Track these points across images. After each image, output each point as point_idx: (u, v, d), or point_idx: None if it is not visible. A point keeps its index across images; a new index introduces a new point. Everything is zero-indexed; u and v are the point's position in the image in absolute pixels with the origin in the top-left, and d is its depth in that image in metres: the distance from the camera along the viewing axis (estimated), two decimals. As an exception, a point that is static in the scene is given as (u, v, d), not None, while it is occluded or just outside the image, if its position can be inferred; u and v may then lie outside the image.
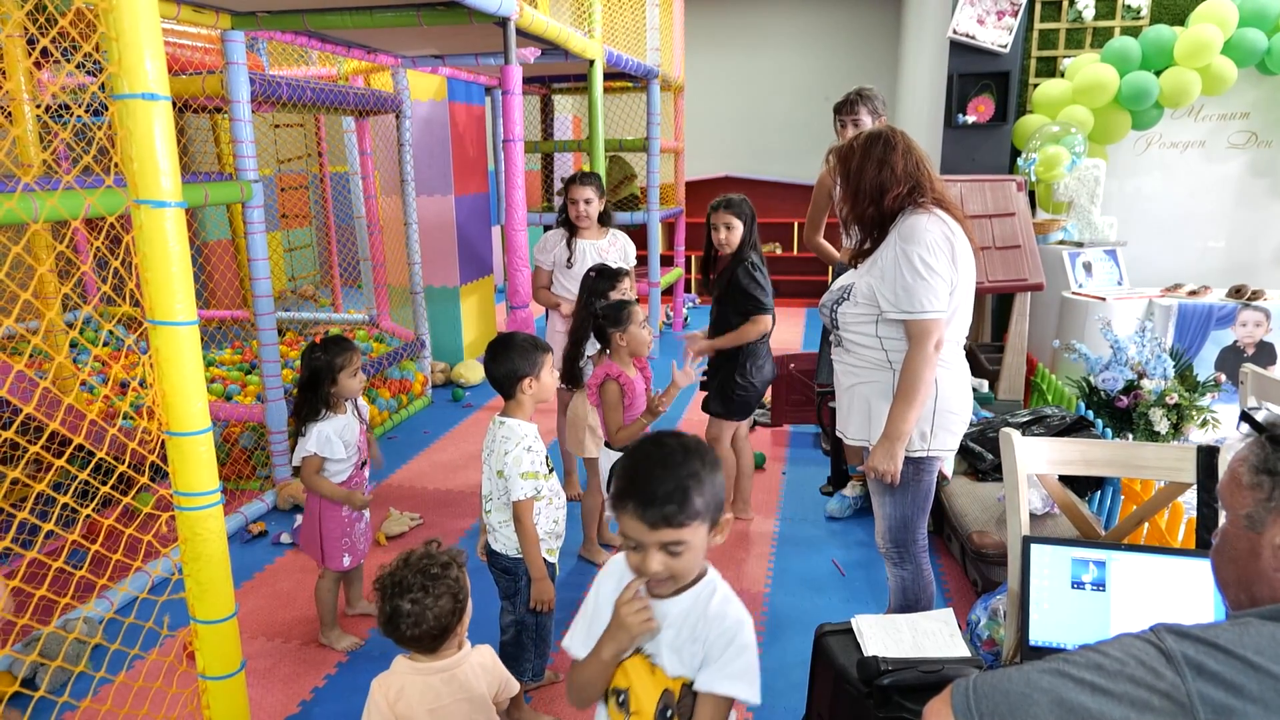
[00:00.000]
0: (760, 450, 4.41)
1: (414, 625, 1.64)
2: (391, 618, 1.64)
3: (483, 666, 1.75)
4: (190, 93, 3.86)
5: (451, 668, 1.69)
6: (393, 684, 1.66)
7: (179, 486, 1.78)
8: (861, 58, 9.34)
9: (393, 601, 1.64)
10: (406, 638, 1.66)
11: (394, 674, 1.68)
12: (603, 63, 5.07)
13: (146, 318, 1.71)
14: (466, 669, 1.71)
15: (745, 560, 3.32)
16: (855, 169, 2.17)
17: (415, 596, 1.63)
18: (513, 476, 2.16)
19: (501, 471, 2.19)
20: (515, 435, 2.20)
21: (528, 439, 2.21)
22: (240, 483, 4.04)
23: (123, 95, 1.61)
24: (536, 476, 2.19)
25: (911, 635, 1.86)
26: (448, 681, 1.68)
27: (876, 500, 2.28)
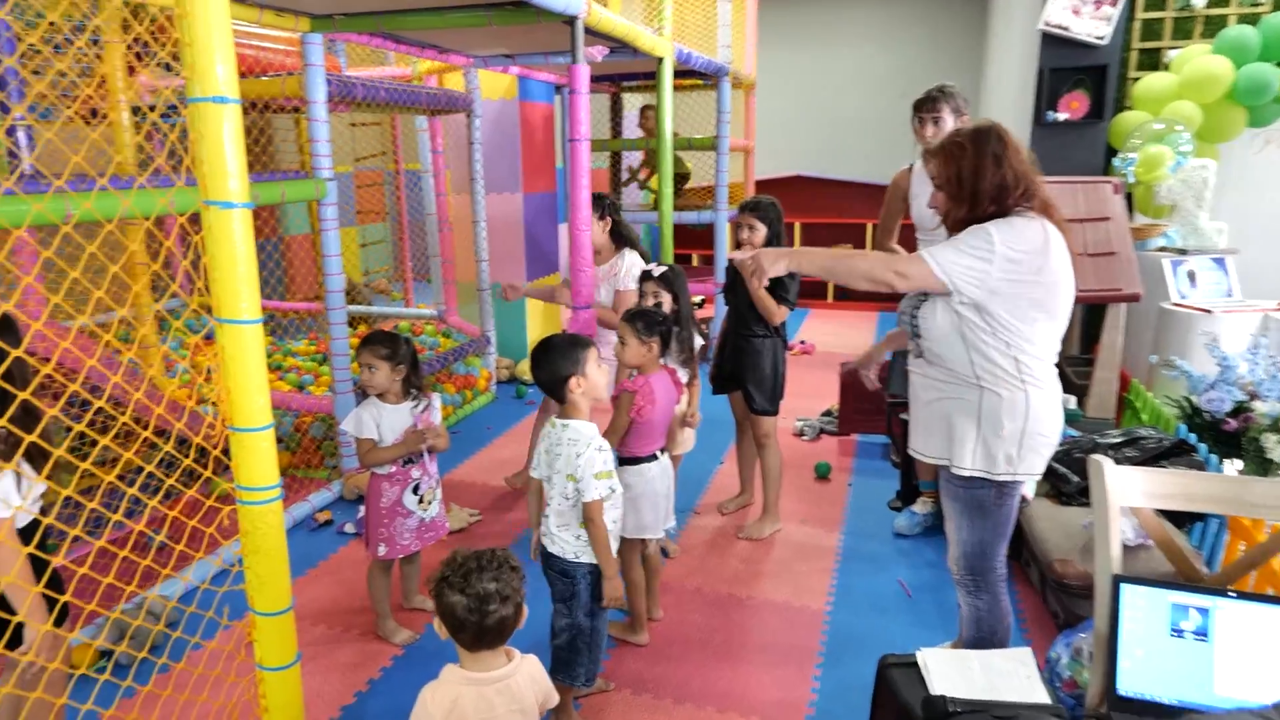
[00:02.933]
0: (825, 460, 4.31)
1: (504, 601, 1.59)
2: (480, 608, 1.57)
3: (531, 678, 1.71)
4: (271, 94, 3.97)
5: (506, 678, 1.66)
6: (446, 694, 1.62)
7: (241, 480, 1.80)
8: (943, 53, 9.06)
9: (475, 586, 1.58)
10: (491, 623, 1.59)
11: (446, 684, 1.64)
12: (672, 60, 5.02)
13: (213, 315, 1.74)
14: (519, 679, 1.68)
15: (806, 575, 3.24)
16: (971, 169, 2.02)
17: (496, 574, 1.61)
18: (586, 478, 2.15)
19: (573, 475, 2.17)
20: (583, 437, 2.19)
21: (596, 439, 2.20)
22: (309, 471, 4.14)
23: (195, 99, 1.64)
24: (611, 476, 2.19)
25: (984, 674, 1.76)
26: (501, 692, 1.65)
27: (953, 522, 2.18)
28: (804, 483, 4.15)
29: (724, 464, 4.39)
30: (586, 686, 2.38)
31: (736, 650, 2.75)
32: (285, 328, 6.57)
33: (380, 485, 2.70)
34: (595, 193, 3.67)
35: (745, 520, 3.68)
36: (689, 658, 2.71)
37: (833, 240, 8.74)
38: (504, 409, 5.36)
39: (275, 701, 1.91)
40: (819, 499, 3.95)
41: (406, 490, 2.72)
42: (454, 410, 5.06)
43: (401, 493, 2.71)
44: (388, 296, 7.96)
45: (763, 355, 3.35)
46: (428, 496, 2.78)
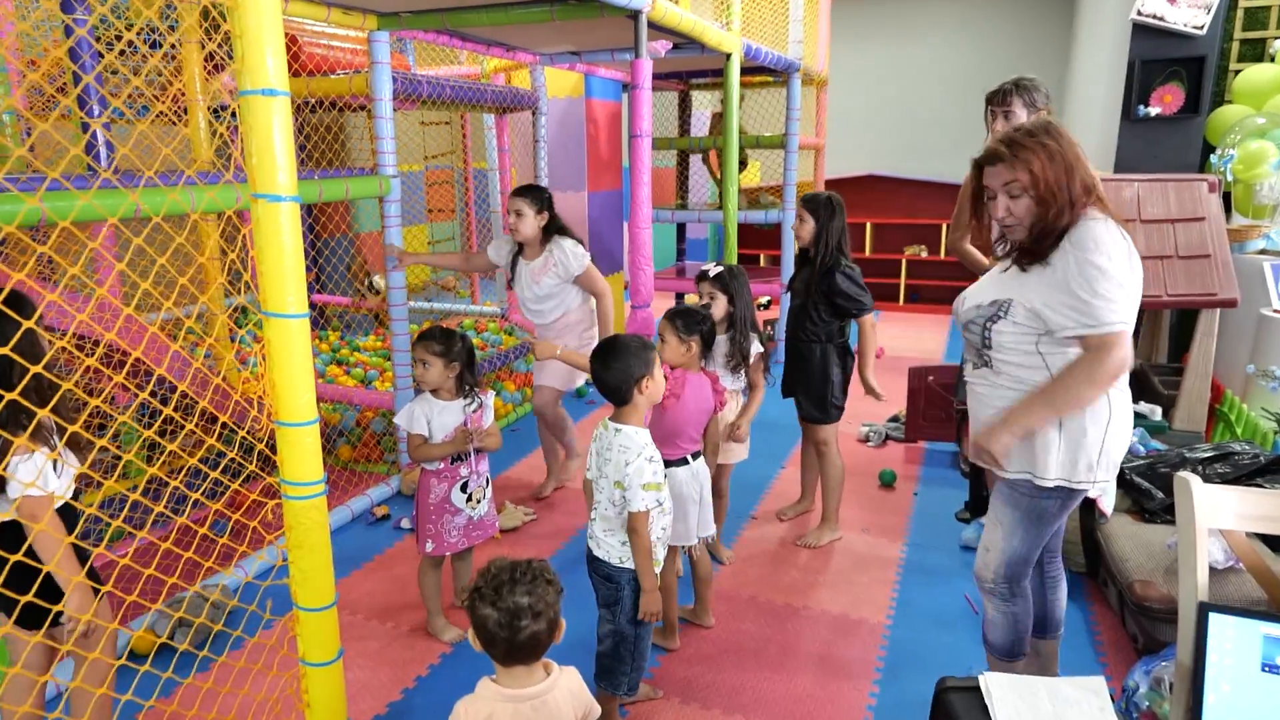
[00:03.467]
0: (890, 467, 4.17)
1: (534, 616, 1.53)
2: (511, 623, 1.52)
3: (570, 692, 1.64)
4: (339, 91, 4.03)
5: (543, 694, 1.59)
6: (480, 711, 1.56)
7: (285, 475, 1.80)
8: (1026, 46, 8.71)
9: (507, 600, 1.53)
10: (522, 639, 1.54)
11: (480, 699, 1.59)
12: (740, 56, 4.93)
13: (260, 309, 1.74)
14: (557, 694, 1.61)
15: (865, 586, 3.12)
16: (1064, 169, 1.86)
17: (529, 588, 1.55)
18: (633, 487, 2.09)
19: (620, 482, 2.12)
20: (635, 445, 2.12)
21: (647, 448, 2.13)
22: (369, 466, 4.20)
23: (246, 91, 1.64)
24: (659, 488, 2.12)
25: (1051, 703, 1.63)
26: (538, 709, 1.58)
27: (1002, 530, 2.06)
28: (867, 490, 4.01)
29: (785, 469, 4.28)
30: (630, 695, 2.33)
31: (790, 662, 2.66)
32: (353, 323, 6.70)
33: (429, 481, 2.70)
34: (532, 184, 3.64)
35: (805, 528, 3.57)
36: (741, 668, 2.63)
37: (905, 241, 8.50)
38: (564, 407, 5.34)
39: (317, 697, 1.91)
40: (882, 507, 3.81)
41: (454, 487, 2.71)
42: (513, 408, 5.06)
43: (449, 490, 2.70)
44: (454, 294, 8.05)
45: (812, 361, 3.26)
46: (476, 495, 2.76)
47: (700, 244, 9.71)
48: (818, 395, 3.29)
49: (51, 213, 2.12)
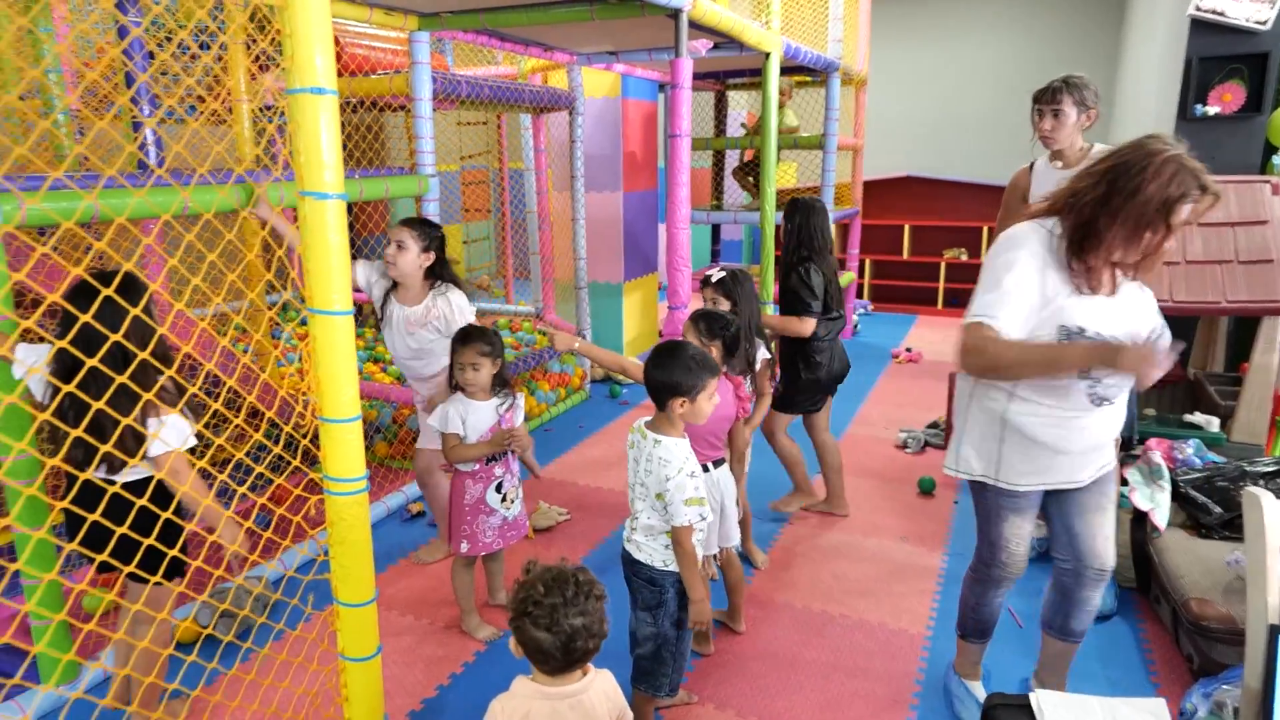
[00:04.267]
0: (930, 474, 4.11)
1: (590, 636, 1.56)
2: (566, 645, 1.54)
3: (605, 694, 1.65)
4: (379, 91, 4.06)
5: (579, 693, 1.60)
6: (517, 708, 1.58)
7: (329, 471, 1.81)
8: (1073, 45, 8.51)
9: (563, 624, 1.53)
10: (576, 657, 1.56)
11: (516, 697, 1.60)
12: (780, 56, 4.89)
13: (306, 306, 1.75)
14: (592, 695, 1.62)
15: (904, 596, 3.07)
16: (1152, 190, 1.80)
17: (583, 608, 1.55)
18: (675, 503, 2.05)
19: (661, 495, 2.09)
20: (675, 459, 2.07)
21: (689, 462, 2.08)
22: (404, 463, 4.22)
23: (294, 90, 1.65)
24: (701, 503, 2.08)
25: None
26: (574, 708, 1.59)
27: (1109, 515, 2.13)
28: (905, 497, 3.95)
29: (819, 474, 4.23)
30: (669, 697, 2.31)
31: (827, 671, 2.62)
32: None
33: (464, 482, 2.70)
34: (424, 219, 3.10)
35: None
36: (776, 675, 2.60)
37: (944, 243, 8.37)
38: (597, 408, 5.35)
39: (356, 692, 1.92)
40: (921, 515, 3.75)
41: (490, 488, 2.70)
42: (548, 408, 5.07)
43: (485, 490, 2.70)
44: (489, 293, 8.10)
45: (789, 360, 3.45)
46: (510, 495, 2.76)
47: (735, 245, 9.66)
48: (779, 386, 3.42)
49: (107, 209, 2.16)
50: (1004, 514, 2.15)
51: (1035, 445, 1.99)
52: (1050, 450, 1.99)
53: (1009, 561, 2.22)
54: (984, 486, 2.13)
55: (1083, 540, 2.14)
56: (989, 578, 2.27)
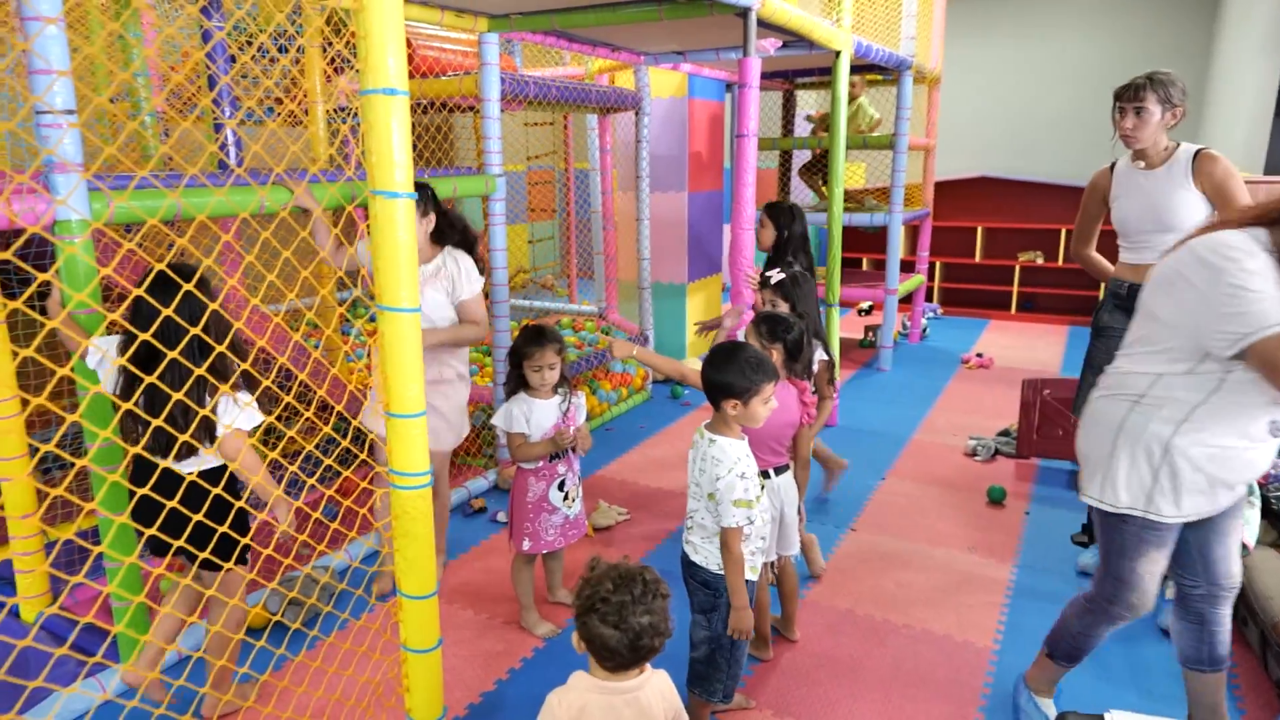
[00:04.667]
0: (1000, 483, 3.99)
1: (657, 635, 1.58)
2: (634, 643, 1.55)
3: (661, 693, 1.66)
4: (449, 93, 4.13)
5: (635, 689, 1.62)
6: (574, 701, 1.60)
7: (394, 465, 1.85)
8: (1161, 42, 8.18)
9: (631, 622, 1.55)
10: (642, 655, 1.58)
11: (573, 690, 1.62)
12: (850, 54, 4.81)
13: (375, 303, 1.79)
14: (649, 693, 1.63)
15: (971, 607, 2.98)
16: None
17: (649, 607, 1.57)
18: (724, 502, 2.04)
19: (713, 495, 2.08)
20: (727, 459, 2.06)
21: (741, 463, 2.07)
22: (467, 459, 4.29)
23: (368, 91, 1.68)
24: (750, 506, 2.06)
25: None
26: (630, 704, 1.61)
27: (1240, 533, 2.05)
28: (974, 507, 3.84)
29: (885, 480, 4.15)
30: (725, 702, 2.29)
31: (888, 681, 2.57)
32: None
33: (527, 480, 2.72)
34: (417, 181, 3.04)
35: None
36: (836, 684, 2.56)
37: (1018, 245, 8.13)
38: (658, 408, 5.35)
39: (417, 682, 1.95)
40: (990, 526, 3.64)
41: (552, 486, 2.72)
42: (609, 408, 5.09)
43: (548, 489, 2.72)
44: (553, 292, 8.17)
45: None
46: (572, 494, 2.78)
47: (801, 246, 9.54)
48: None
49: (189, 207, 2.24)
50: (1144, 548, 1.99)
51: (1198, 476, 1.87)
52: (1213, 481, 1.87)
53: (1138, 602, 2.06)
54: (1125, 519, 1.98)
55: (1220, 564, 2.03)
56: (1109, 614, 2.12)
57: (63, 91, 2.06)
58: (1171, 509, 1.91)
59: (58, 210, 2.09)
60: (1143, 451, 1.91)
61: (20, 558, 2.43)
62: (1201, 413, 1.82)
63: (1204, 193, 2.80)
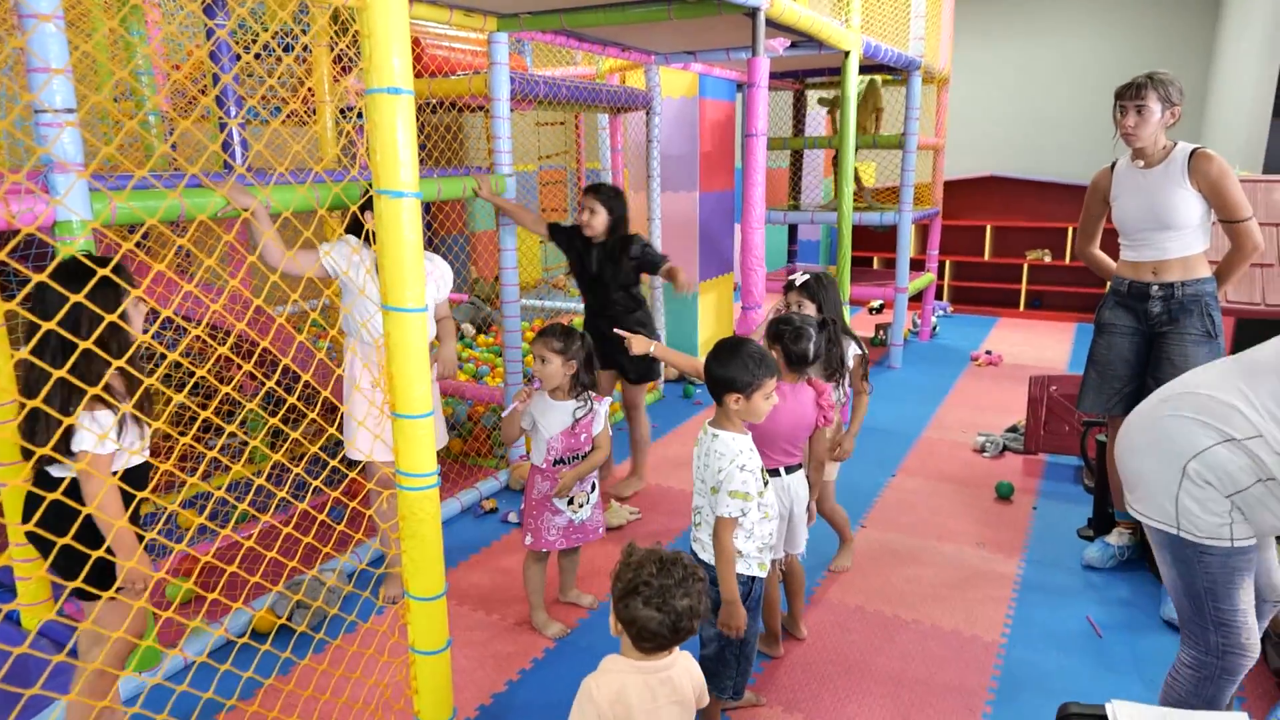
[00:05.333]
0: (1008, 479, 3.97)
1: (695, 617, 1.63)
2: (675, 624, 1.60)
3: (688, 671, 1.72)
4: (459, 92, 4.13)
5: (668, 668, 1.67)
6: (612, 682, 1.63)
7: (401, 466, 1.85)
8: (1164, 43, 8.18)
9: (672, 604, 1.60)
10: (681, 637, 1.64)
11: (609, 674, 1.65)
12: (859, 54, 4.79)
13: (381, 303, 1.79)
14: (679, 671, 1.69)
15: (979, 602, 2.97)
16: None
17: (689, 589, 1.62)
18: (721, 493, 2.05)
19: (715, 487, 2.08)
20: (729, 451, 2.08)
21: (742, 455, 2.08)
22: (479, 459, 4.29)
23: (372, 90, 1.68)
24: (747, 498, 2.06)
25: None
26: (664, 682, 1.66)
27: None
28: (983, 503, 3.82)
29: (895, 477, 4.14)
30: (734, 699, 2.28)
31: (898, 677, 2.56)
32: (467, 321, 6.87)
33: (535, 477, 2.73)
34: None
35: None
36: (846, 680, 2.55)
37: (1027, 244, 8.10)
38: (670, 408, 5.34)
39: (425, 684, 1.95)
40: (998, 521, 3.63)
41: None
42: (620, 407, 5.08)
43: (551, 489, 2.72)
44: (565, 292, 8.17)
45: (632, 329, 3.24)
46: (579, 500, 2.75)
47: (812, 245, 9.52)
48: (643, 357, 3.09)
49: (191, 208, 2.24)
50: (1238, 577, 1.79)
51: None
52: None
53: (1249, 642, 1.82)
54: (1205, 550, 1.77)
55: (1269, 574, 1.96)
56: (1229, 669, 1.84)
57: (61, 90, 2.06)
58: (1245, 529, 1.76)
59: (57, 211, 2.09)
60: (1217, 485, 1.75)
61: (19, 564, 2.43)
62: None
63: (1200, 191, 2.81)
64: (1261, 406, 1.71)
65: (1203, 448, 1.76)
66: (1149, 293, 2.93)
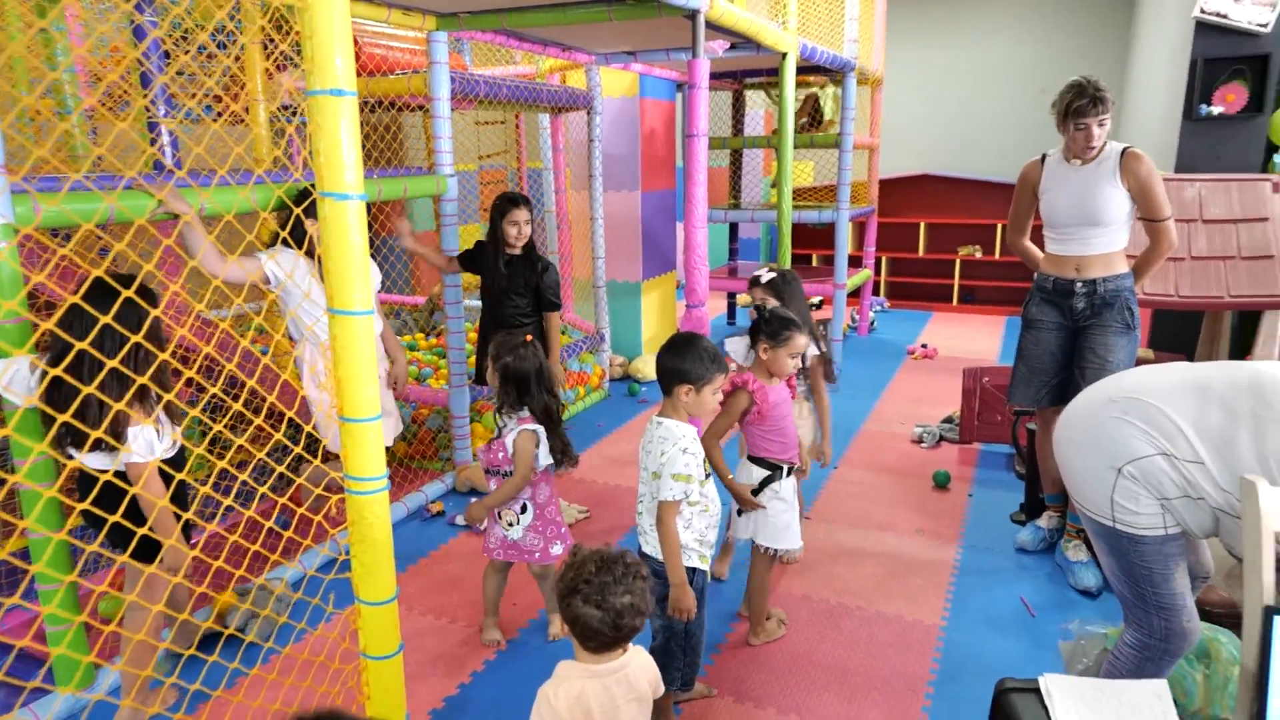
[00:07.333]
0: (945, 468, 4.10)
1: (637, 614, 1.64)
2: (615, 622, 1.61)
3: (643, 667, 1.74)
4: (398, 91, 4.09)
5: (622, 668, 1.69)
6: (570, 689, 1.64)
7: (350, 470, 1.83)
8: (1084, 45, 8.52)
9: (612, 601, 1.61)
10: (624, 635, 1.64)
11: (566, 680, 1.66)
12: (796, 56, 4.89)
13: (327, 306, 1.77)
14: (634, 668, 1.71)
15: (920, 588, 3.07)
16: None
17: (630, 587, 1.63)
18: (664, 476, 2.10)
19: (657, 473, 2.13)
20: (673, 436, 2.14)
21: (685, 440, 2.14)
22: (424, 462, 4.25)
23: (314, 91, 1.67)
24: (689, 480, 2.11)
25: (1113, 707, 1.60)
26: (620, 682, 1.68)
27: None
28: (921, 492, 3.95)
29: (839, 469, 4.24)
30: (684, 691, 2.32)
31: (844, 663, 2.63)
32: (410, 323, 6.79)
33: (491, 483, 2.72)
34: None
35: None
36: (794, 668, 2.61)
37: (958, 240, 8.36)
38: (616, 406, 5.37)
39: (377, 690, 1.94)
40: (936, 509, 3.75)
41: None
42: (568, 407, 5.09)
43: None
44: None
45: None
46: (507, 518, 2.67)
47: (753, 244, 9.65)
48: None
49: (128, 210, 2.19)
50: (1173, 563, 1.86)
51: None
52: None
53: (1190, 626, 1.89)
54: (1139, 540, 1.85)
55: (1198, 553, 2.05)
56: (1171, 652, 1.91)
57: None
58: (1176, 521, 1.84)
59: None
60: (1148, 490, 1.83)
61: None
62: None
63: (1128, 190, 2.92)
64: (1205, 437, 1.77)
65: (1141, 455, 1.82)
66: (1073, 289, 3.05)
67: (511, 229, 3.56)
